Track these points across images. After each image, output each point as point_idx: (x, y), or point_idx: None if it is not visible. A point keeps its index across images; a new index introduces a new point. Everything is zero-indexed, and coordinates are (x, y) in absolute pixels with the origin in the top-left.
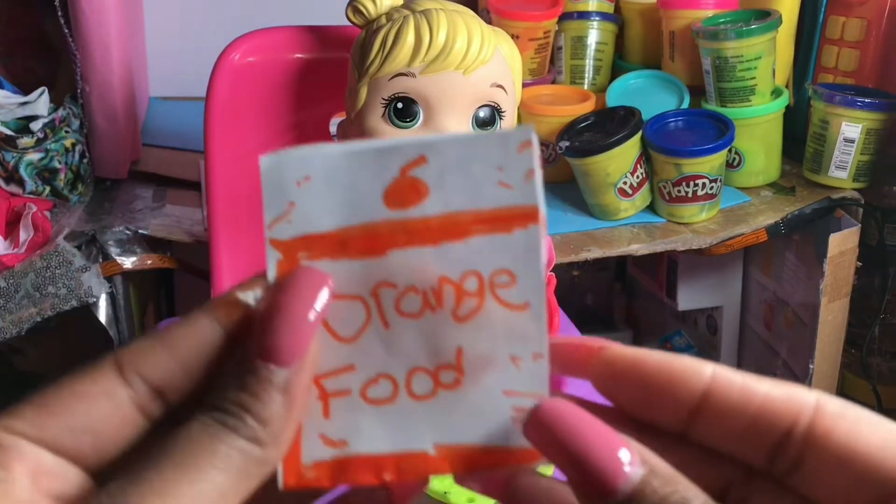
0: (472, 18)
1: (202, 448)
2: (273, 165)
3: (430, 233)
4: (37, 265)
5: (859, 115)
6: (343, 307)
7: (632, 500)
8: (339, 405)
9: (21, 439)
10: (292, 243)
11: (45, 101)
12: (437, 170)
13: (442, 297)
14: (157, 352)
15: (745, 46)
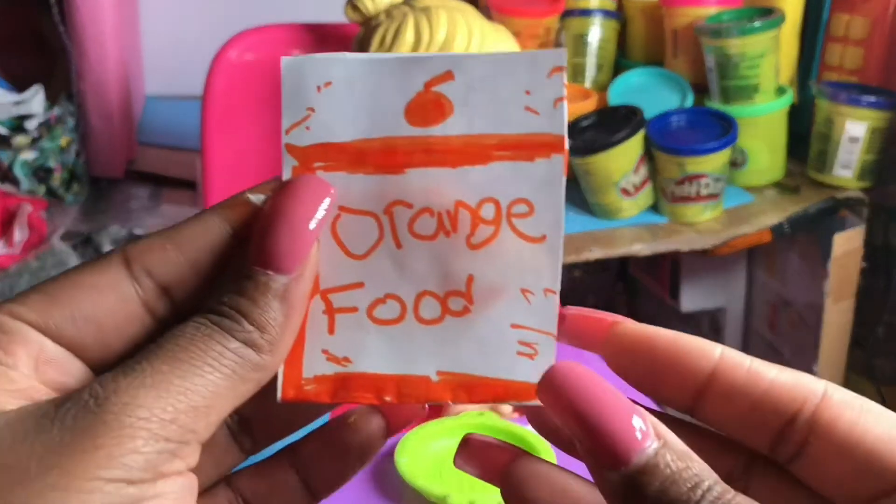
0: (472, 16)
1: (196, 346)
2: (294, 67)
3: (451, 154)
4: (32, 265)
5: (864, 113)
6: (355, 222)
7: (644, 472)
8: (344, 322)
9: (26, 325)
10: (309, 150)
11: (40, 100)
12: (462, 87)
13: (457, 221)
14: (165, 249)
15: (748, 44)
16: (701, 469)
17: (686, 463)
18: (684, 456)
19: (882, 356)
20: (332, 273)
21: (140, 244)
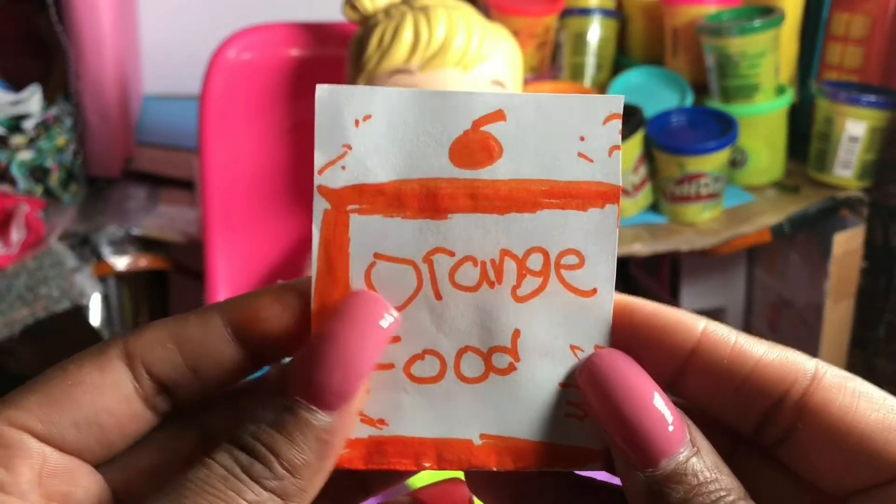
0: (471, 15)
1: (223, 500)
2: (330, 98)
3: (498, 199)
4: (29, 266)
5: (864, 113)
6: (392, 271)
7: (670, 478)
8: (380, 380)
9: (26, 435)
10: (343, 192)
11: (37, 100)
12: (514, 128)
13: (502, 272)
14: (166, 348)
15: (748, 43)
16: (729, 484)
17: (715, 475)
18: (714, 467)
19: (882, 356)
20: None
21: (141, 339)
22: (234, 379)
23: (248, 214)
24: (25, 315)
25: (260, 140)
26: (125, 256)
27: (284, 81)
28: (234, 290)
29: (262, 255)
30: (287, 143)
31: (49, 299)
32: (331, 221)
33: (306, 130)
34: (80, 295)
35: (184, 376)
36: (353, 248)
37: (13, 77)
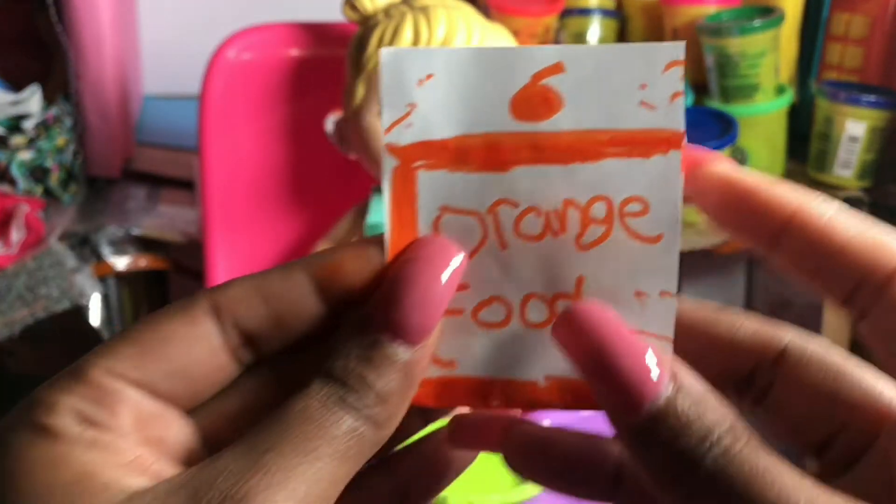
0: (471, 15)
1: (324, 431)
2: (394, 60)
3: (560, 151)
4: (29, 266)
5: (864, 113)
6: (458, 223)
7: (655, 421)
8: (450, 325)
9: (124, 383)
10: (410, 149)
11: (37, 100)
12: (573, 80)
13: (566, 221)
14: (253, 302)
15: (748, 43)
16: (714, 418)
17: (699, 411)
18: (699, 402)
19: None
20: None
21: (229, 293)
22: (315, 330)
23: (248, 214)
24: (25, 315)
25: (260, 140)
26: (125, 256)
27: (284, 81)
28: None
29: (262, 255)
30: (287, 142)
31: (49, 299)
32: (399, 177)
33: (306, 130)
34: (80, 295)
35: (268, 329)
36: (421, 202)
37: (13, 77)
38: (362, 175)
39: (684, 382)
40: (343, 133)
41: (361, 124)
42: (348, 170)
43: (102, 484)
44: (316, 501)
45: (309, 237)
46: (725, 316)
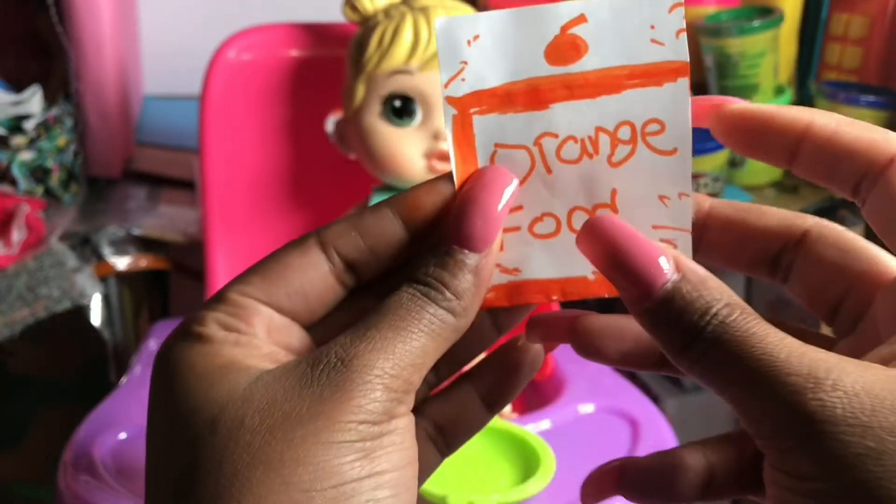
0: None
1: (412, 314)
2: (446, 27)
3: (588, 87)
4: (30, 266)
5: (863, 113)
6: (510, 156)
7: (664, 303)
8: (511, 240)
9: (255, 301)
10: (465, 99)
11: (38, 100)
12: (594, 28)
13: (598, 144)
14: (351, 235)
15: (747, 44)
16: (712, 295)
17: (700, 291)
18: (700, 284)
19: None
20: None
21: (332, 230)
22: (403, 255)
23: (249, 214)
24: (26, 315)
25: (260, 140)
26: (126, 256)
27: (284, 81)
28: None
29: (263, 255)
30: (287, 142)
31: (50, 299)
32: (458, 124)
33: (306, 130)
34: (81, 295)
35: (365, 256)
36: (479, 142)
37: (14, 78)
38: (362, 175)
39: (687, 270)
40: (343, 133)
41: (361, 124)
42: (348, 170)
43: (245, 367)
44: (409, 366)
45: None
46: (755, 208)
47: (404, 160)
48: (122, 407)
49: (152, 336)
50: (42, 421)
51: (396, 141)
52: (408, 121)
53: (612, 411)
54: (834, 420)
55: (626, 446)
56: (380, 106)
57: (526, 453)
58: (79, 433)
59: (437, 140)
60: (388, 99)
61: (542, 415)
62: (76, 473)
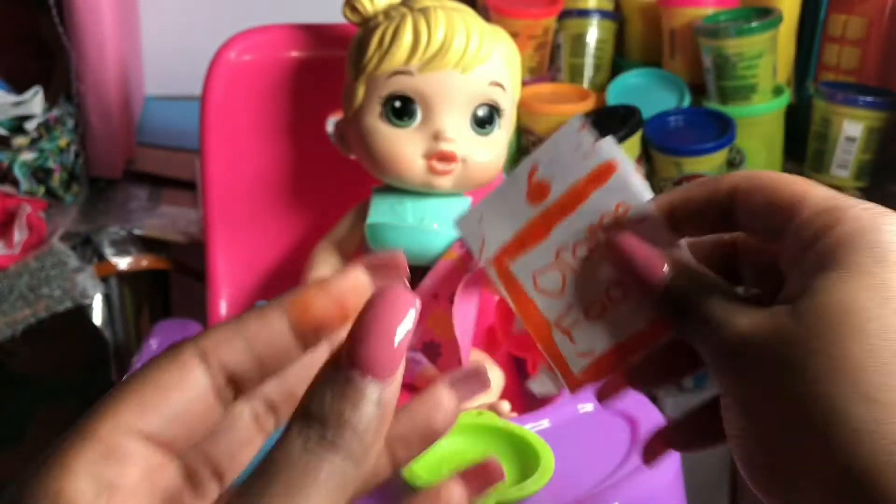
0: (470, 16)
1: (308, 471)
2: (465, 221)
3: (566, 207)
4: (31, 266)
5: (861, 113)
6: (547, 275)
7: (667, 290)
8: (576, 332)
9: (132, 439)
10: (496, 259)
11: (39, 101)
12: (545, 169)
13: (596, 236)
14: (236, 343)
15: (746, 44)
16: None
17: (686, 277)
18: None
19: None
20: (553, 309)
21: (212, 337)
22: (292, 361)
23: (250, 214)
24: (27, 315)
25: (261, 140)
26: (127, 256)
27: (285, 82)
28: (235, 290)
29: (264, 255)
30: (288, 143)
31: (51, 299)
32: (502, 276)
33: (307, 131)
34: (82, 295)
35: (249, 366)
36: (521, 280)
37: (15, 78)
38: (363, 176)
39: (682, 264)
40: (343, 133)
41: (361, 125)
42: (349, 170)
43: None
44: None
45: (310, 237)
46: (693, 184)
47: (404, 161)
48: None
49: (153, 336)
50: (43, 420)
51: (396, 141)
52: (408, 121)
53: (612, 411)
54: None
55: (625, 446)
56: (380, 107)
57: (525, 452)
58: None
59: (437, 141)
60: (388, 100)
61: (541, 414)
62: None
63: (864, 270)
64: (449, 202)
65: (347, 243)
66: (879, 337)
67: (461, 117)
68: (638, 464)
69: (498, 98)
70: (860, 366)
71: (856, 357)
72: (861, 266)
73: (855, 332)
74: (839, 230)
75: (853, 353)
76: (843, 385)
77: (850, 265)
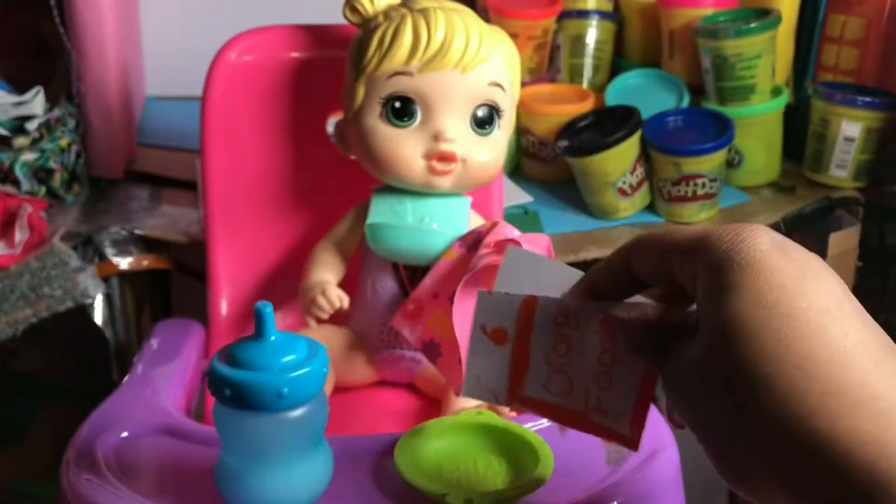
0: (470, 17)
1: None
2: (470, 390)
3: (524, 331)
4: (32, 266)
5: (859, 113)
6: (554, 381)
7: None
8: (605, 405)
9: None
10: (512, 397)
11: (40, 101)
12: (492, 320)
13: (562, 331)
14: None
15: (744, 45)
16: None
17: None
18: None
19: None
20: (577, 400)
21: None
22: None
23: (250, 214)
24: (28, 315)
25: (261, 141)
26: (128, 256)
27: (285, 82)
28: (236, 289)
29: (264, 255)
30: (288, 143)
31: (52, 299)
32: (526, 403)
33: (307, 131)
34: (83, 295)
35: None
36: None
37: (16, 79)
38: (363, 176)
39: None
40: (343, 134)
41: (361, 125)
42: (349, 170)
43: None
44: None
45: (310, 237)
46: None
47: (404, 161)
48: (124, 406)
49: (154, 336)
50: (44, 419)
51: (396, 142)
52: (408, 122)
53: None
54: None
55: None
56: (379, 107)
57: (524, 451)
58: (81, 432)
59: (437, 141)
60: (388, 100)
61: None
62: (78, 472)
63: (740, 287)
64: (449, 202)
65: (347, 243)
66: (773, 336)
67: (461, 118)
68: (637, 463)
69: (498, 98)
70: (770, 360)
71: (764, 353)
72: (735, 284)
73: (752, 338)
74: (706, 258)
75: (760, 354)
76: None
77: (728, 286)
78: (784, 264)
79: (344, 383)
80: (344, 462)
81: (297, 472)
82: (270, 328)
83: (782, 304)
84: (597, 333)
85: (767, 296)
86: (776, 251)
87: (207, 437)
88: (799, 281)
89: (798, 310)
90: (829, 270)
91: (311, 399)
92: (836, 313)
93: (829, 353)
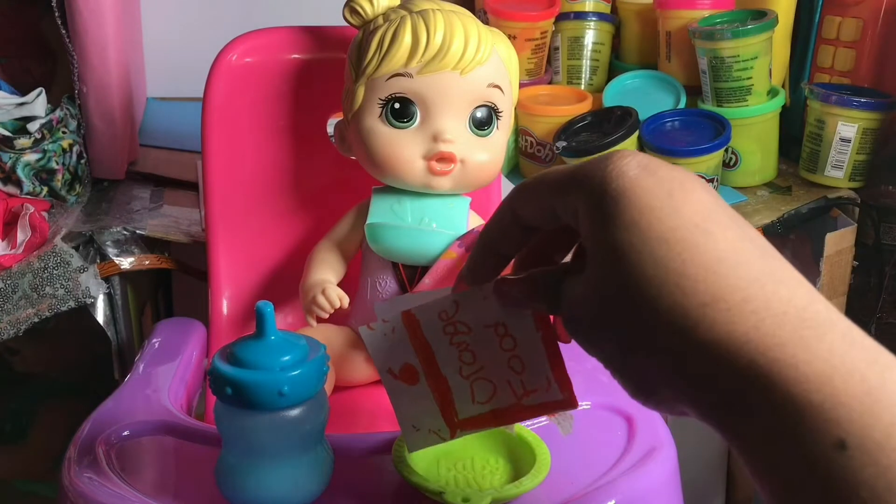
0: (469, 19)
1: None
2: (414, 443)
3: (429, 357)
4: (34, 266)
5: (855, 114)
6: (478, 389)
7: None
8: (529, 386)
9: None
10: (454, 425)
11: (42, 102)
12: (392, 361)
13: (462, 342)
14: None
15: (741, 46)
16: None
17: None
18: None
19: None
20: (509, 397)
21: None
22: None
23: (251, 214)
24: (31, 314)
25: (262, 141)
26: (130, 256)
27: (286, 84)
28: (237, 289)
29: (265, 255)
30: (288, 144)
31: (54, 299)
32: (468, 425)
33: (308, 132)
34: (85, 294)
35: None
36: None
37: (19, 80)
38: (363, 176)
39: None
40: (343, 135)
41: (361, 126)
42: (350, 171)
43: None
44: None
45: (310, 237)
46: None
47: (403, 162)
48: (125, 404)
49: (155, 335)
50: (46, 418)
51: (396, 143)
52: (407, 123)
53: (608, 408)
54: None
55: (622, 443)
56: (379, 108)
57: (521, 449)
58: (83, 430)
59: (436, 142)
60: (388, 101)
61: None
62: (80, 470)
63: (615, 217)
64: (448, 202)
65: (347, 243)
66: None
67: (460, 119)
68: (635, 461)
69: (496, 99)
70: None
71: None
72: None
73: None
74: (582, 193)
75: (642, 278)
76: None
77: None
78: (651, 185)
79: (344, 382)
80: (344, 460)
81: (298, 471)
82: (271, 327)
83: (654, 227)
84: (487, 299)
85: (640, 222)
86: (643, 174)
87: (208, 436)
88: (667, 200)
89: (669, 230)
90: (697, 181)
91: (311, 398)
92: (707, 226)
93: (702, 267)
